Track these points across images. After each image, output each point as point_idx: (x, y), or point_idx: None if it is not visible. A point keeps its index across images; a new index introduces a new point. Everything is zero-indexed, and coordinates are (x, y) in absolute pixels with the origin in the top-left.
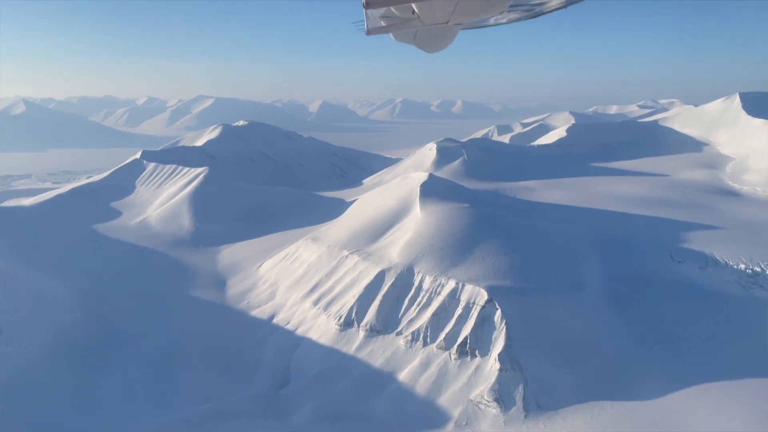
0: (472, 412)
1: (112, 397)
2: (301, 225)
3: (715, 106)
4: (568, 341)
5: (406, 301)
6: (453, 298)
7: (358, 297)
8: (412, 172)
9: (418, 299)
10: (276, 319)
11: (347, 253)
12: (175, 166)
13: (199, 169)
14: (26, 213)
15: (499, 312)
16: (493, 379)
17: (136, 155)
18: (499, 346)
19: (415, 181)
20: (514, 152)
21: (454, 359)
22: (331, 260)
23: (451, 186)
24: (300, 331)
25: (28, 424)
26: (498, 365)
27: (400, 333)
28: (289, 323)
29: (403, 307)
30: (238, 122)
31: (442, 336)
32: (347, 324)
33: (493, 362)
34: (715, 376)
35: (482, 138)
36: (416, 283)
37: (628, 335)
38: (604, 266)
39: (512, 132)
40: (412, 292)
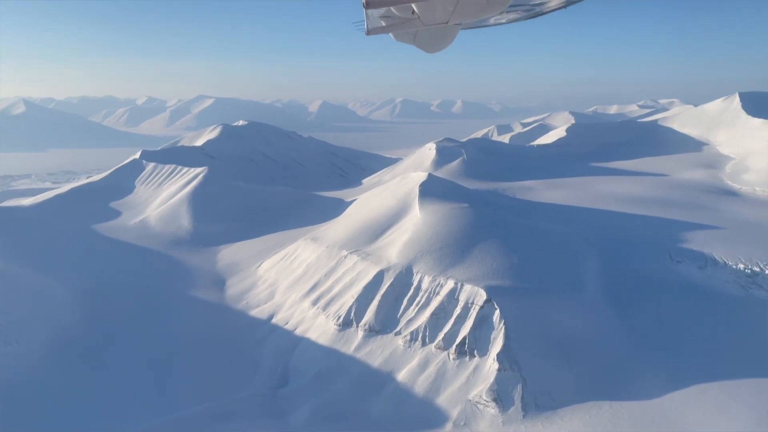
0: (471, 412)
1: (111, 397)
2: (301, 225)
3: (714, 105)
4: (566, 341)
5: (405, 301)
6: (452, 298)
7: (356, 297)
8: (412, 172)
9: (417, 299)
10: (275, 319)
11: (346, 253)
12: (174, 166)
13: (199, 169)
14: (25, 213)
15: (497, 312)
16: (492, 379)
17: (136, 155)
18: (497, 346)
19: (414, 181)
20: (514, 152)
21: (453, 359)
22: (330, 260)
23: (451, 186)
24: (299, 331)
25: (28, 424)
26: (496, 365)
27: (398, 333)
28: (288, 323)
29: (402, 307)
30: (238, 122)
31: (441, 336)
32: (346, 324)
33: (491, 362)
34: (714, 376)
35: (482, 138)
36: (415, 283)
37: (626, 335)
38: (603, 266)
39: (512, 132)
40: (410, 292)
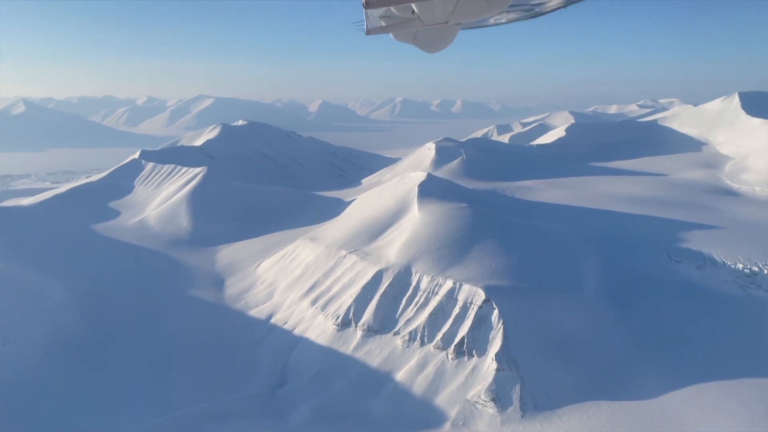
0: (469, 412)
1: (110, 397)
2: (300, 225)
3: (714, 105)
4: (565, 341)
5: (404, 301)
6: (450, 297)
7: (355, 297)
8: (411, 172)
9: (416, 299)
10: (274, 319)
11: (345, 253)
12: (173, 166)
13: (198, 169)
14: (25, 213)
15: (496, 312)
16: (490, 378)
17: (135, 155)
18: (496, 346)
19: (414, 180)
20: (513, 152)
21: (452, 359)
22: (329, 260)
23: (450, 186)
24: (298, 331)
25: (27, 424)
26: (495, 365)
27: (397, 333)
28: (286, 323)
29: (401, 307)
30: (238, 122)
31: (440, 336)
32: (345, 324)
33: (490, 362)
34: (713, 376)
35: (481, 138)
36: (414, 283)
37: (625, 335)
38: (602, 266)
39: (512, 132)
40: (409, 292)
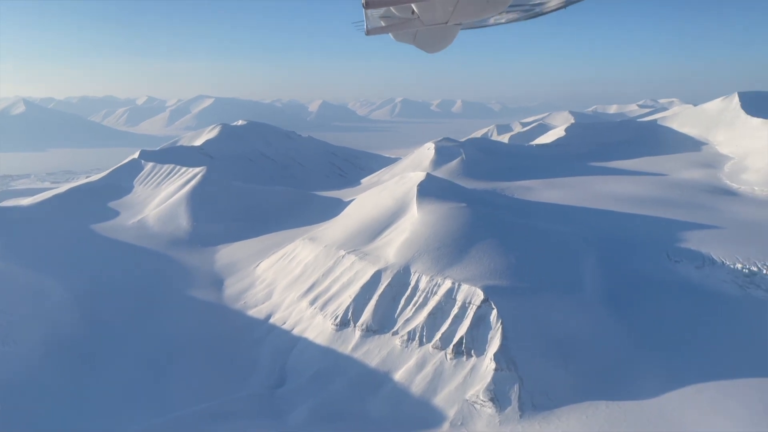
0: (468, 412)
1: (109, 397)
2: (299, 225)
3: (714, 105)
4: (564, 341)
5: (403, 301)
6: (449, 297)
7: (354, 297)
8: (410, 172)
9: (415, 299)
10: (273, 319)
11: (344, 253)
12: (173, 166)
13: (197, 169)
14: (24, 213)
15: (495, 312)
16: (489, 378)
17: (134, 155)
18: (494, 346)
19: (413, 180)
20: (513, 152)
21: (450, 359)
22: (328, 260)
23: (449, 185)
24: (296, 331)
25: (26, 424)
26: (494, 365)
27: (396, 333)
28: (285, 323)
29: (399, 307)
30: (237, 122)
31: (438, 336)
32: (343, 324)
33: (488, 362)
34: (711, 376)
35: (480, 137)
36: (412, 283)
37: (624, 334)
38: (601, 266)
39: (512, 131)
40: (408, 292)
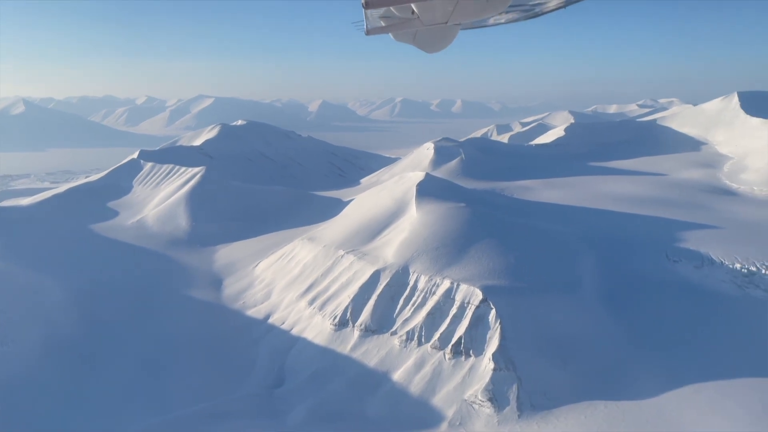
0: (466, 412)
1: (108, 397)
2: (298, 225)
3: (713, 105)
4: (562, 341)
5: (401, 301)
6: (448, 297)
7: (353, 297)
8: (409, 172)
9: (413, 299)
10: (271, 319)
11: (343, 253)
12: (172, 166)
13: (196, 169)
14: (23, 213)
15: (493, 312)
16: (487, 378)
17: (134, 155)
18: (493, 346)
19: (412, 180)
20: (512, 151)
21: (449, 359)
22: (327, 260)
23: (448, 185)
24: (295, 331)
25: (25, 424)
26: (492, 365)
27: (394, 333)
28: (284, 323)
29: (398, 307)
30: (237, 122)
31: (437, 336)
32: (342, 324)
33: (487, 362)
34: (710, 376)
35: (480, 137)
36: (411, 283)
37: (622, 334)
38: (600, 266)
39: (511, 131)
40: (407, 292)
